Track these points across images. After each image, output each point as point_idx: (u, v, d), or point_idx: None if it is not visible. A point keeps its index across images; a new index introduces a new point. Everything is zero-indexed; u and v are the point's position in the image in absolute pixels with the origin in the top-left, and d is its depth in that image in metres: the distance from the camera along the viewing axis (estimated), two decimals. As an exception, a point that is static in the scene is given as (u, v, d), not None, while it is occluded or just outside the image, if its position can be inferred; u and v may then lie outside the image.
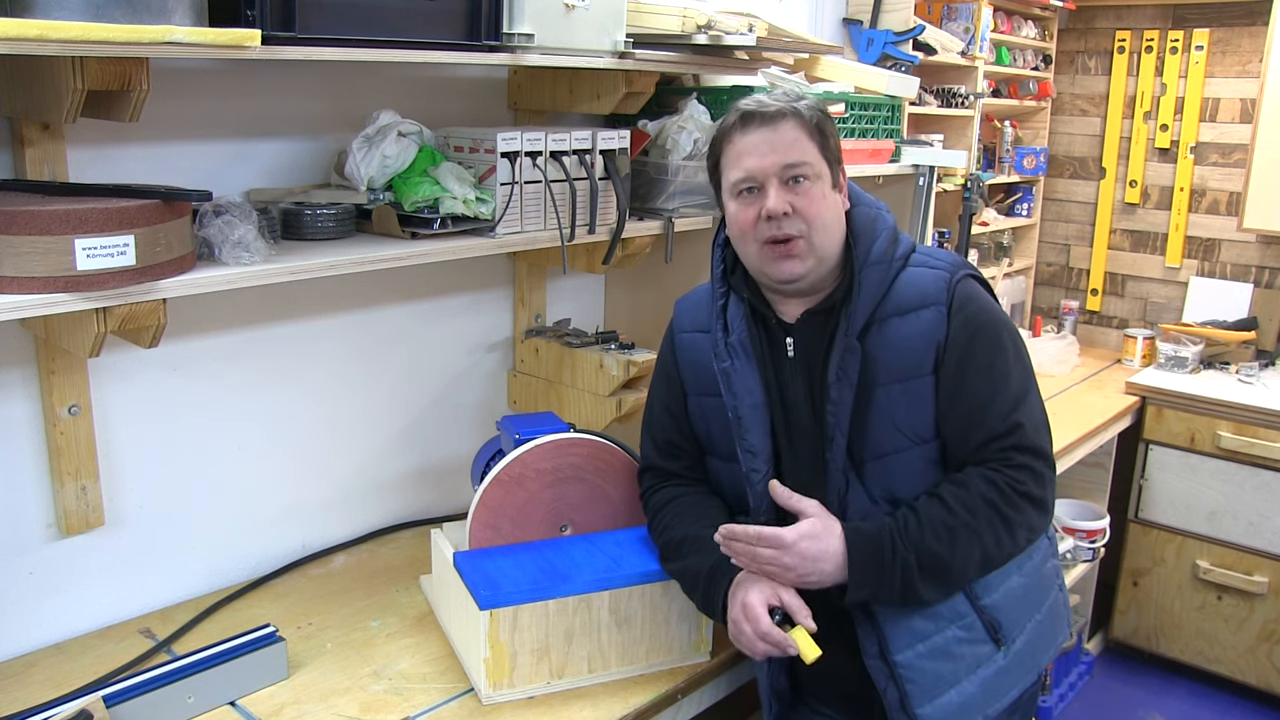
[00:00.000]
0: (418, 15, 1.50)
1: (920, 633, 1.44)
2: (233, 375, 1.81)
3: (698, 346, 1.59)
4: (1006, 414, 1.44)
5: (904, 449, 1.45)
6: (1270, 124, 3.22)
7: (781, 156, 1.42)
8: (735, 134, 1.46)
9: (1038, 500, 1.44)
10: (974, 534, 1.39)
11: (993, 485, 1.41)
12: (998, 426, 1.43)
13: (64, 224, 1.22)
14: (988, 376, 1.44)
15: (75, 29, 1.13)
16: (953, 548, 1.39)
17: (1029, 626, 1.52)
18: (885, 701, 1.47)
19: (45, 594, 1.65)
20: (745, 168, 1.44)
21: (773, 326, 1.52)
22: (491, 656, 1.49)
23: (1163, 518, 3.27)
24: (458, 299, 2.15)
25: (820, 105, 1.48)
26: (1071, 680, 3.27)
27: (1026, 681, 1.52)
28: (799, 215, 1.42)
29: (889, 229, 1.51)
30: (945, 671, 1.45)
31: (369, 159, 1.67)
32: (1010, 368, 1.47)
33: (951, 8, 3.20)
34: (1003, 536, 1.41)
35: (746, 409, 1.50)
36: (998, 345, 1.46)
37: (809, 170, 1.43)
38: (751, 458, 1.50)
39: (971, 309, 1.46)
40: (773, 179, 1.42)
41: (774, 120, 1.43)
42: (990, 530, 1.40)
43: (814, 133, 1.44)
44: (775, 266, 1.45)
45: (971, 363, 1.44)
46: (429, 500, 2.18)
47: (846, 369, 1.43)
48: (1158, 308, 3.72)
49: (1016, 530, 1.42)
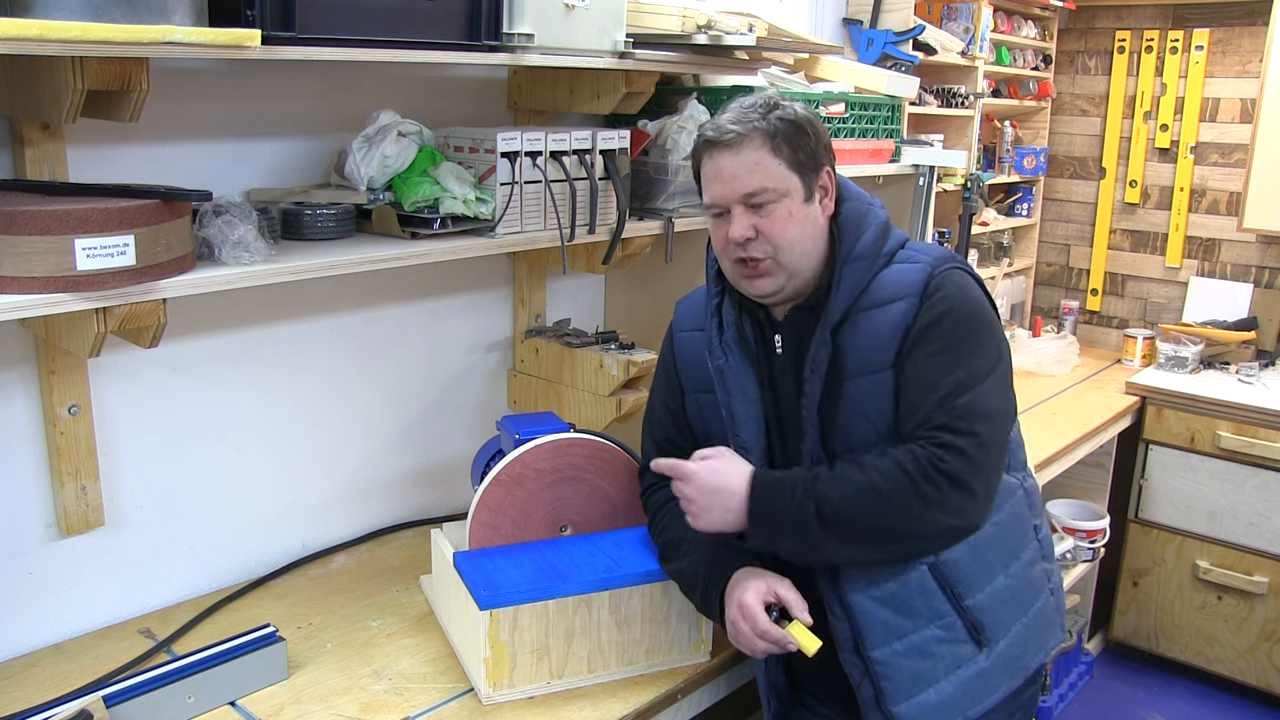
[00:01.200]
0: (418, 15, 1.50)
1: (897, 630, 1.44)
2: (233, 375, 1.81)
3: (694, 344, 1.60)
4: (947, 397, 1.38)
5: (876, 441, 1.43)
6: (1270, 124, 3.22)
7: (742, 184, 1.41)
8: (704, 156, 1.46)
9: (959, 481, 1.35)
10: (882, 499, 1.35)
11: (912, 456, 1.37)
12: (934, 408, 1.39)
13: (64, 224, 1.21)
14: (940, 361, 1.40)
15: (75, 29, 1.13)
16: (855, 505, 1.36)
17: (1014, 629, 1.50)
18: (860, 697, 1.46)
19: (45, 594, 1.65)
20: (711, 194, 1.45)
21: (763, 324, 1.53)
22: (491, 656, 1.49)
23: (1163, 518, 3.27)
24: (458, 299, 2.15)
25: (795, 113, 1.44)
26: (1071, 680, 3.27)
27: (1012, 684, 1.51)
28: (764, 238, 1.42)
29: (878, 224, 1.49)
30: (923, 670, 1.44)
31: (369, 159, 1.67)
32: (968, 355, 1.41)
33: (951, 8, 3.20)
34: (916, 510, 1.35)
35: (739, 405, 1.51)
36: (960, 331, 1.42)
37: (770, 195, 1.41)
38: (745, 454, 1.50)
39: (940, 296, 1.42)
40: (736, 205, 1.43)
41: (733, 145, 1.41)
42: (901, 500, 1.35)
43: (778, 149, 1.41)
44: (746, 284, 1.48)
45: (927, 346, 1.41)
46: (429, 500, 2.18)
47: (818, 362, 1.43)
48: (1158, 308, 3.72)
49: (932, 507, 1.35)
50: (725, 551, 1.50)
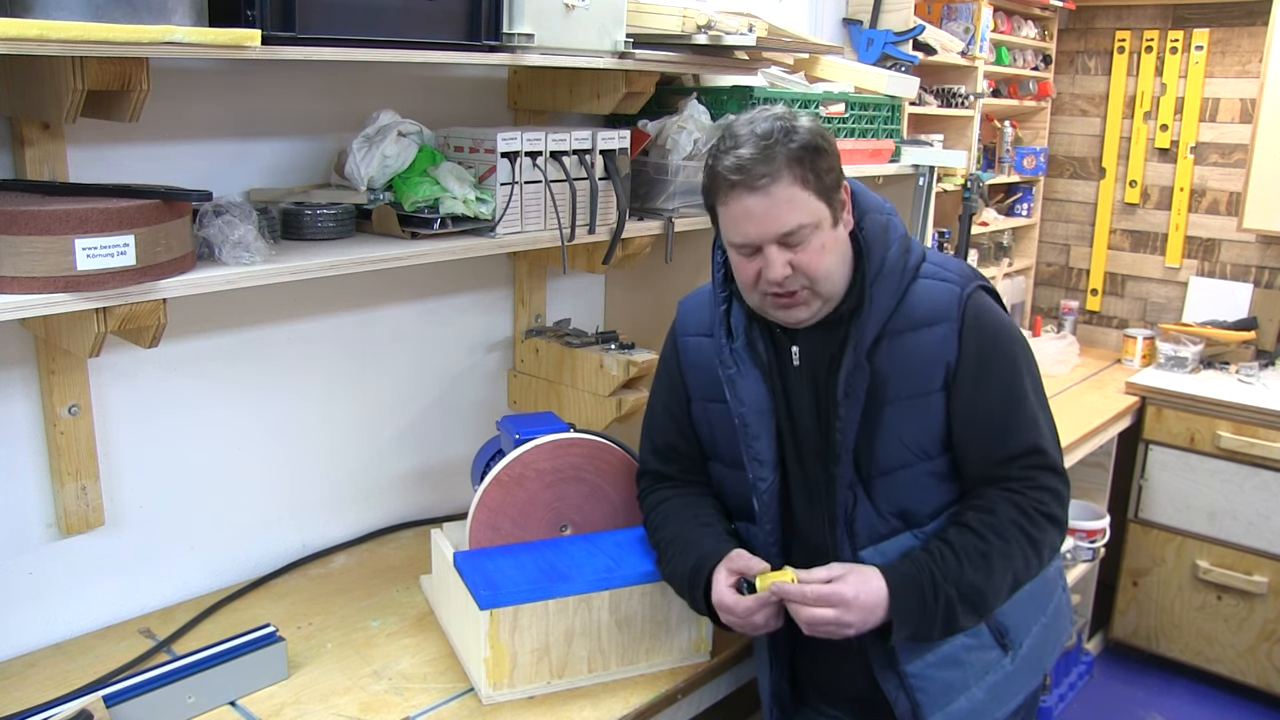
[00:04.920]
0: (418, 15, 1.50)
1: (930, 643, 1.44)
2: (233, 375, 1.81)
3: (702, 351, 1.56)
4: (1025, 432, 1.43)
5: (911, 464, 1.44)
6: (1270, 124, 3.22)
7: (777, 225, 1.35)
8: (727, 194, 1.37)
9: (1059, 520, 1.45)
10: (1007, 560, 1.39)
11: (1019, 509, 1.41)
12: (1017, 446, 1.43)
13: (64, 224, 1.21)
14: (1005, 395, 1.44)
15: (75, 29, 1.13)
16: (989, 576, 1.38)
17: (1035, 630, 1.52)
18: (896, 711, 1.46)
19: (45, 594, 1.65)
20: (743, 234, 1.38)
21: (777, 333, 1.49)
22: (491, 656, 1.49)
23: (1163, 518, 3.27)
24: (458, 299, 2.15)
25: (809, 131, 1.36)
26: (1071, 680, 3.27)
27: (1033, 684, 1.53)
28: (800, 272, 1.37)
29: (900, 237, 1.46)
30: (955, 679, 1.45)
31: (369, 159, 1.67)
32: (1025, 385, 1.46)
33: (951, 8, 3.20)
34: (1030, 558, 1.41)
35: (752, 416, 1.48)
36: (1012, 362, 1.46)
37: (806, 230, 1.36)
38: (759, 466, 1.48)
39: (983, 325, 1.44)
40: (770, 245, 1.37)
41: (765, 187, 1.34)
42: (1020, 554, 1.40)
43: (806, 177, 1.35)
44: (781, 315, 1.43)
45: (987, 382, 1.43)
46: (429, 500, 2.18)
47: (854, 387, 1.40)
48: (1158, 308, 3.72)
49: (1042, 550, 1.43)
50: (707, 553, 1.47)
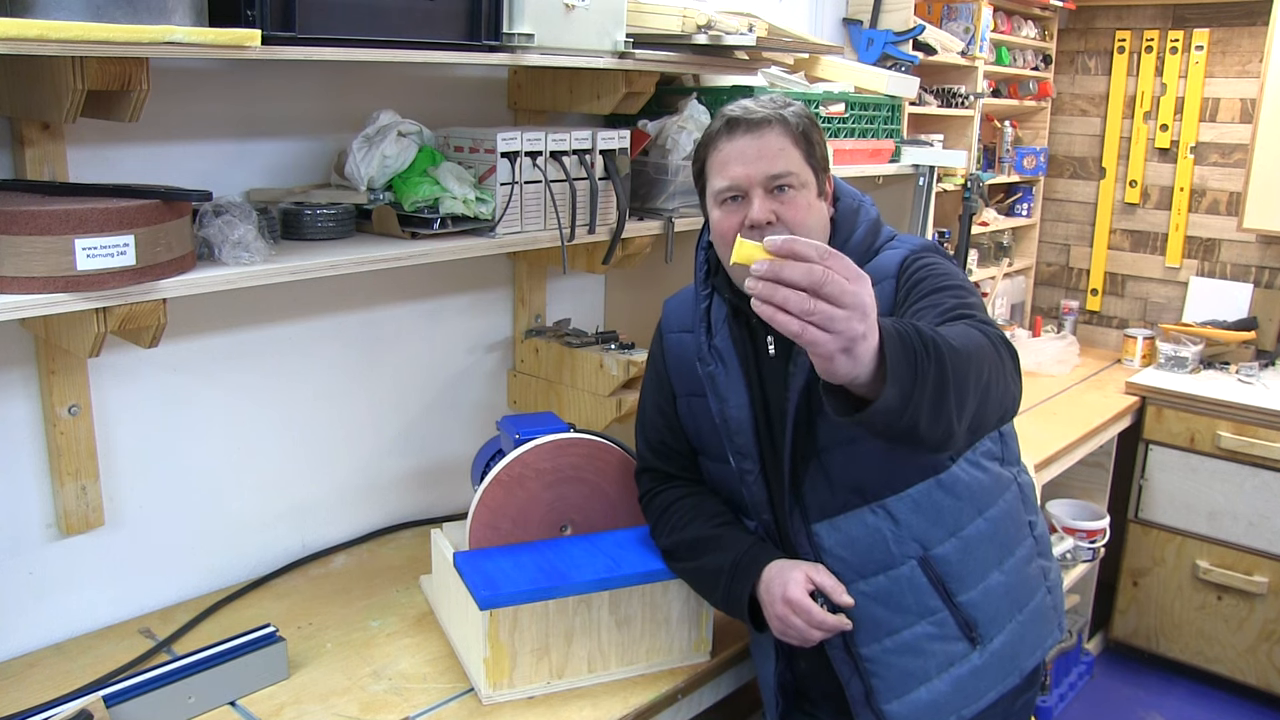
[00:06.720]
0: (418, 15, 1.50)
1: (887, 626, 1.43)
2: (233, 375, 1.81)
3: (684, 347, 1.59)
4: (966, 309, 1.31)
5: (856, 440, 1.41)
6: (1270, 124, 3.22)
7: (767, 166, 1.39)
8: (721, 140, 1.43)
9: (1016, 358, 1.27)
10: (969, 338, 1.19)
11: (980, 326, 1.26)
12: (958, 311, 1.31)
13: (64, 224, 1.22)
14: (942, 294, 1.35)
15: (75, 29, 1.13)
16: (963, 344, 1.15)
17: (1009, 626, 1.49)
18: (849, 695, 1.46)
19: (45, 594, 1.65)
20: (730, 176, 1.41)
21: (754, 326, 1.50)
22: (491, 656, 1.49)
23: (1163, 518, 3.27)
24: (458, 299, 2.15)
25: (808, 112, 1.46)
26: (1071, 680, 3.27)
27: (1007, 683, 1.50)
28: (783, 224, 1.39)
29: (870, 221, 1.49)
30: (914, 668, 1.43)
31: (369, 159, 1.67)
32: (962, 290, 1.37)
33: (951, 8, 3.20)
34: (996, 367, 1.21)
35: (732, 411, 1.49)
36: (946, 278, 1.39)
37: (794, 179, 1.40)
38: (742, 458, 1.50)
39: (916, 265, 1.42)
40: (757, 188, 1.40)
41: (759, 127, 1.40)
42: (991, 354, 1.20)
43: (800, 140, 1.41)
44: None
45: (921, 289, 1.38)
46: (429, 500, 2.18)
47: (799, 356, 1.41)
48: (1158, 308, 3.72)
49: (1007, 373, 1.23)
50: (751, 549, 1.49)
